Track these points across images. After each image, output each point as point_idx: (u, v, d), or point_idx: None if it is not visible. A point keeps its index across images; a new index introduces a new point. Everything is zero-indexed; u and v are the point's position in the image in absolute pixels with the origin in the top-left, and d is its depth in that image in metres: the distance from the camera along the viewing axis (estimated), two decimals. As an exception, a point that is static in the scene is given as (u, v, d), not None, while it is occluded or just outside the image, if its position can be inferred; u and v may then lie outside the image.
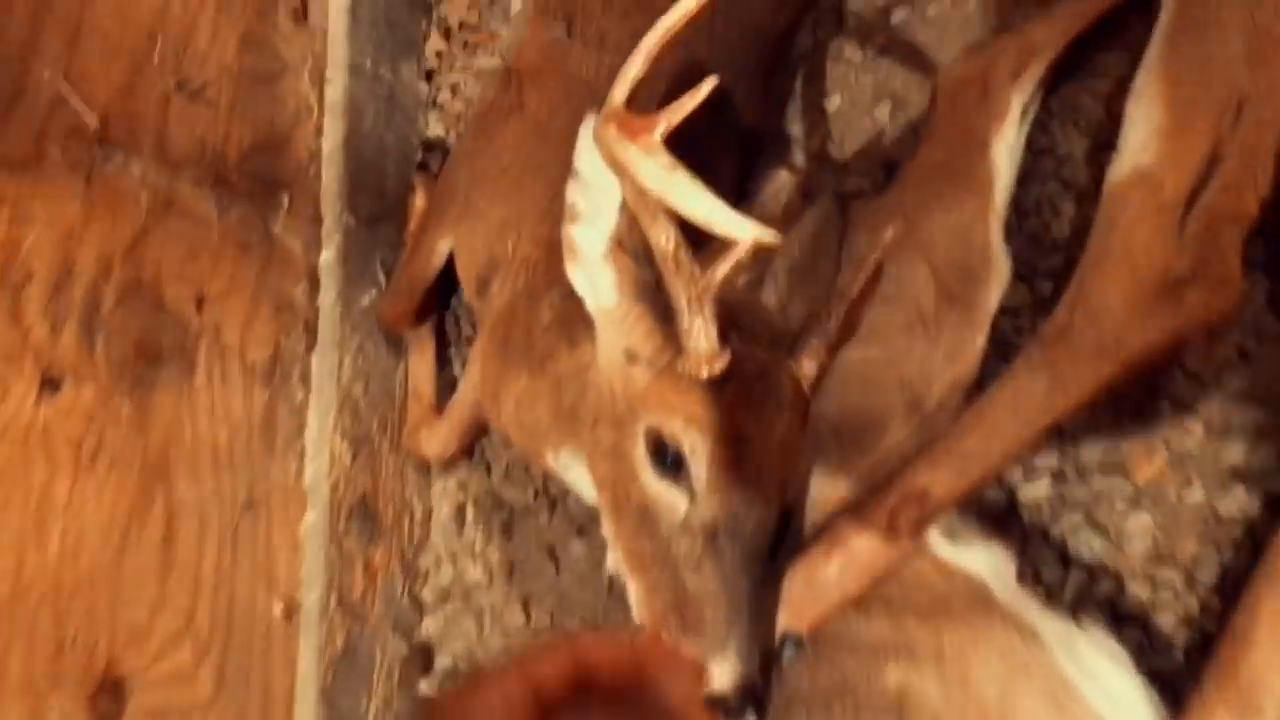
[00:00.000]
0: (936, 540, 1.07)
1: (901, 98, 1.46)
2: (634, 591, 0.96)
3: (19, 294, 1.20)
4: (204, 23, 1.46)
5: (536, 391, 1.30)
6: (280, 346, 1.52)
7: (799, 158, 1.50)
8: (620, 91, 0.84)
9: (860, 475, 1.09)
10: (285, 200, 1.59)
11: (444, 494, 1.56)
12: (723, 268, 0.89)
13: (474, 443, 1.58)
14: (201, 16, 1.46)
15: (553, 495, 1.51)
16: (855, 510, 1.02)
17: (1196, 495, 1.19)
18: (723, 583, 0.90)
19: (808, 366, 0.99)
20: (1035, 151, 1.36)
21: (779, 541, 0.97)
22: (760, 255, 1.32)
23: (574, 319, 1.14)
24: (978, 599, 1.01)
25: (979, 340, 1.16)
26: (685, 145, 1.41)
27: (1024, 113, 1.31)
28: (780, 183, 1.41)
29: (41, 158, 1.25)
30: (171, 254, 1.39)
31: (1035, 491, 1.23)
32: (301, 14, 1.65)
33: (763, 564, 0.93)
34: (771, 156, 1.53)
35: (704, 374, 0.94)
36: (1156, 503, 1.21)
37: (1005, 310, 1.25)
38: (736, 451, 0.93)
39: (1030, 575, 1.17)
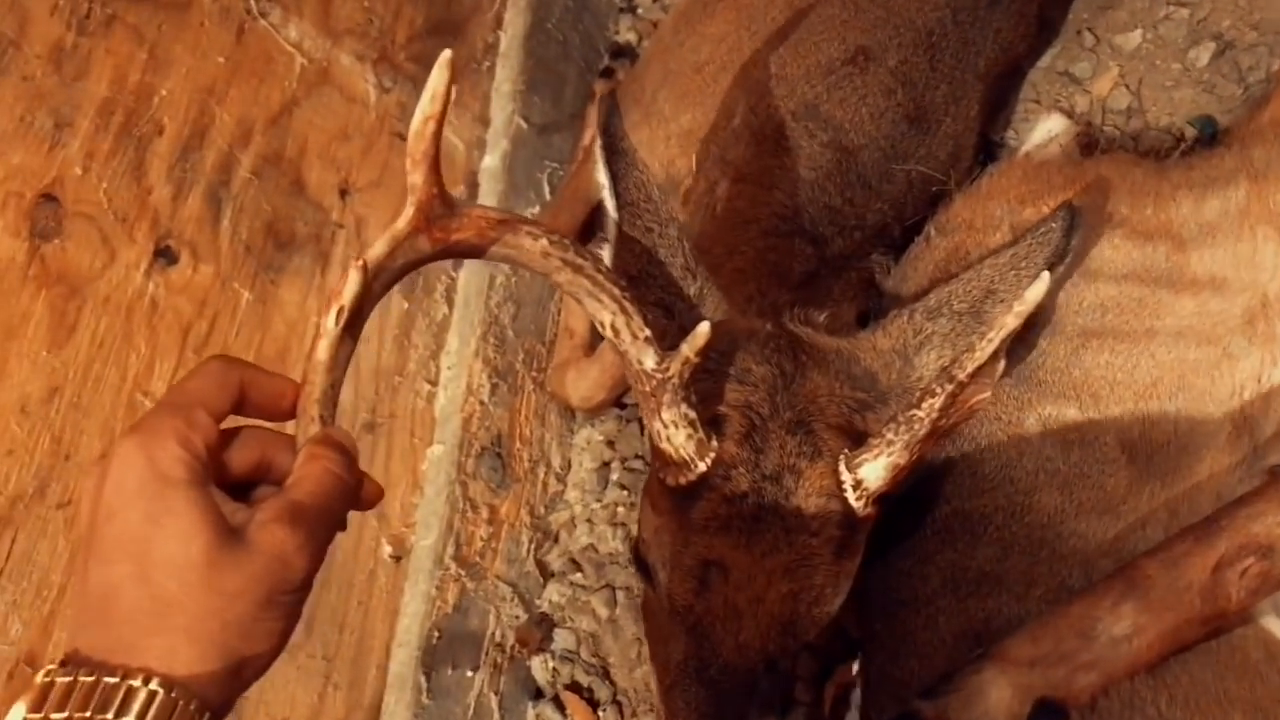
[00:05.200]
0: (1265, 614, 0.78)
1: (1229, 39, 1.15)
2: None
3: (145, 148, 1.06)
4: (388, -114, 1.31)
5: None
6: (427, 255, 1.34)
7: (1080, 102, 1.20)
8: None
9: (1165, 506, 0.81)
10: (452, 93, 1.42)
11: (588, 447, 1.36)
12: (678, 361, 0.70)
13: (625, 394, 1.37)
14: (386, -121, 1.31)
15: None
16: (1163, 553, 0.74)
17: None
18: (673, 714, 0.80)
19: (869, 473, 0.74)
20: None
21: (783, 685, 0.85)
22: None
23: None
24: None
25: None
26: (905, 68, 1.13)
27: None
28: (1053, 129, 1.13)
29: (191, 2, 1.11)
30: (320, 132, 1.25)
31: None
32: (496, -106, 1.49)
33: (738, 704, 0.78)
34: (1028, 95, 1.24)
35: (668, 481, 0.76)
36: None
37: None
38: (704, 582, 0.76)
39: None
